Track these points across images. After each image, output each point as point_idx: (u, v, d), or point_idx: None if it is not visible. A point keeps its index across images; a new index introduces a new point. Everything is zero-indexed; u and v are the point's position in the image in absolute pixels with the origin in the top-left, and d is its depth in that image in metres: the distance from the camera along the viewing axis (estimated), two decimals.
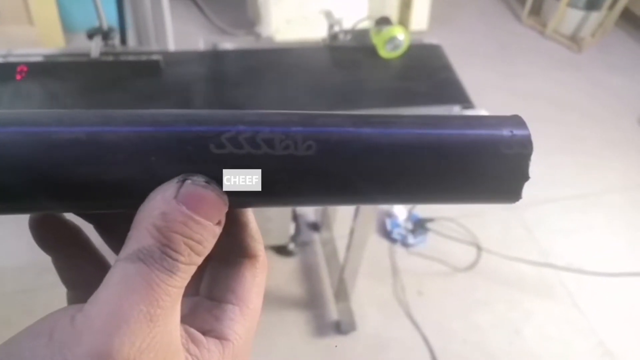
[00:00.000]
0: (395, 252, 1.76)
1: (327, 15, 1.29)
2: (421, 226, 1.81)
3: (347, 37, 1.27)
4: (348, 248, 1.44)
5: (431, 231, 1.82)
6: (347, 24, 1.28)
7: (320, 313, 1.57)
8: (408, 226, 1.80)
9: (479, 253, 1.78)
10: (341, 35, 1.27)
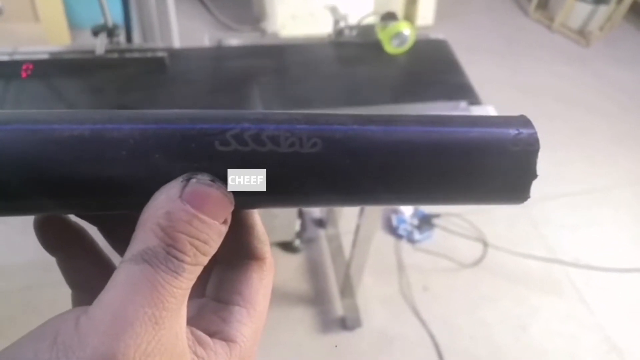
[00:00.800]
0: (401, 248, 1.76)
1: (333, 11, 1.28)
2: (427, 222, 1.80)
3: (353, 33, 1.27)
4: (354, 244, 1.43)
5: (437, 227, 1.82)
6: (353, 20, 1.28)
7: (325, 309, 1.58)
8: (414, 222, 1.79)
9: (485, 249, 1.77)
10: (347, 31, 1.27)
